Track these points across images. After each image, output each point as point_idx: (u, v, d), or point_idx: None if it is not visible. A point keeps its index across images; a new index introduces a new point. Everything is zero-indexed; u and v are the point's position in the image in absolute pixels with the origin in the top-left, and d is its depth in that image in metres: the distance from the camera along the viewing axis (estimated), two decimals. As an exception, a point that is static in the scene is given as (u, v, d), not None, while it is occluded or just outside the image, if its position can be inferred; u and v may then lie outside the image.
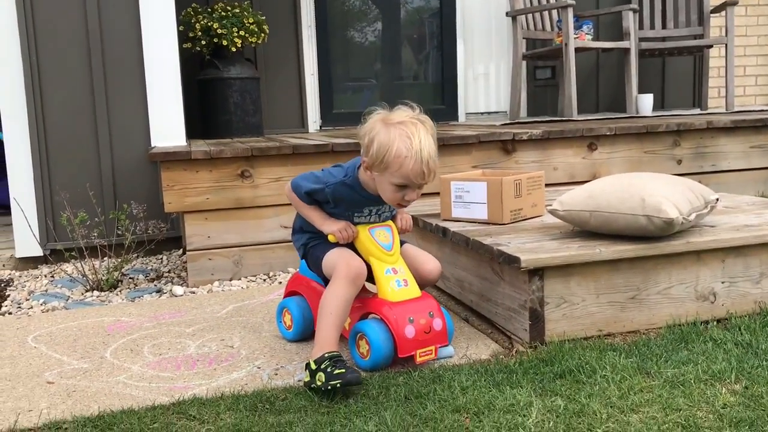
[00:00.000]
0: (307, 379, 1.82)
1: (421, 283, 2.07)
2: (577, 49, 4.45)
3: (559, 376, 1.83)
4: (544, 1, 4.85)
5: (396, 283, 1.99)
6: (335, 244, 2.05)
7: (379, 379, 1.86)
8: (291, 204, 2.15)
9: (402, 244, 2.12)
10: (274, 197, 3.15)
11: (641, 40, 4.89)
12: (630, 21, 4.69)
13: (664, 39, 5.06)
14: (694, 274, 2.20)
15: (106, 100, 3.55)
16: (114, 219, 3.27)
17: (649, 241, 2.14)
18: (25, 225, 3.41)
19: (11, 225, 3.54)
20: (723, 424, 1.55)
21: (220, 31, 4.06)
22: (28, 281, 3.28)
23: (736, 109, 4.86)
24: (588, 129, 3.61)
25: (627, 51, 4.69)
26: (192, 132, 4.20)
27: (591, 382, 1.78)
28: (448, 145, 3.35)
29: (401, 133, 1.86)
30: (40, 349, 2.28)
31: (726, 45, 4.74)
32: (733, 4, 4.68)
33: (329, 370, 1.76)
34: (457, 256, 2.52)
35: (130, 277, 3.26)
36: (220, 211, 3.12)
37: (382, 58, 5.40)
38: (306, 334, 2.21)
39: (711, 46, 5.00)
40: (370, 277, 2.03)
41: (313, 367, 1.80)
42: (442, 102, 5.31)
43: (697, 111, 5.01)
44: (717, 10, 4.85)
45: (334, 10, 5.10)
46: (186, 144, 3.57)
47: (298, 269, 2.34)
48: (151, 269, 3.42)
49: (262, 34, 4.25)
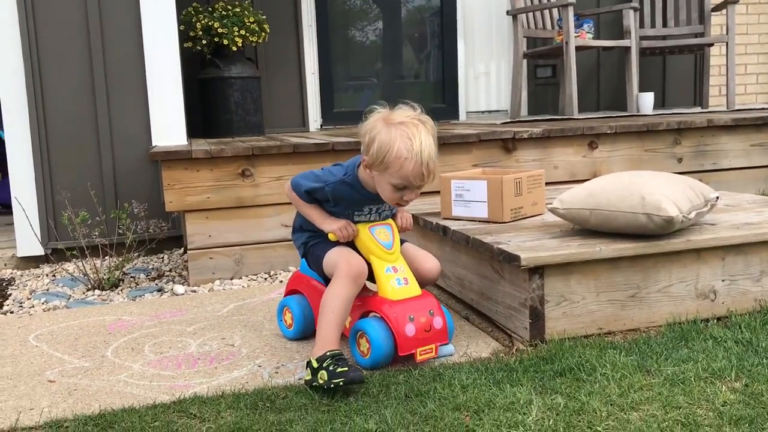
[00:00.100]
0: (309, 377, 1.82)
1: (421, 282, 2.08)
2: (578, 48, 4.45)
3: (560, 374, 1.83)
4: (544, -1, 4.86)
5: (396, 282, 1.99)
6: (335, 243, 2.05)
7: (380, 377, 1.86)
8: (291, 203, 2.15)
9: (402, 243, 2.13)
10: (275, 196, 3.15)
11: (642, 38, 4.88)
12: (631, 19, 4.68)
13: (664, 37, 5.05)
14: (694, 272, 2.20)
15: (107, 99, 3.55)
16: (115, 218, 3.28)
17: (650, 239, 2.14)
18: (26, 224, 3.42)
19: (13, 224, 3.55)
20: (723, 421, 1.55)
21: (220, 30, 4.06)
22: (29, 280, 3.29)
23: (737, 107, 4.85)
24: (588, 127, 3.60)
25: (628, 49, 4.68)
26: (193, 131, 4.21)
27: (591, 380, 1.78)
28: (448, 143, 3.35)
29: (402, 134, 1.86)
30: (41, 347, 2.28)
31: (727, 43, 4.73)
32: (734, 2, 4.67)
33: (332, 368, 1.76)
34: (458, 254, 2.53)
35: (132, 276, 3.27)
36: (221, 210, 3.12)
37: (382, 57, 5.40)
38: (307, 332, 2.21)
39: (712, 45, 4.99)
40: (370, 276, 2.03)
41: (315, 365, 1.80)
42: (443, 101, 5.31)
43: (698, 109, 5.00)
44: (718, 8, 4.84)
45: (334, 9, 5.10)
46: (187, 143, 3.57)
47: (298, 268, 2.35)
48: (152, 268, 3.42)
49: (263, 34, 4.25)
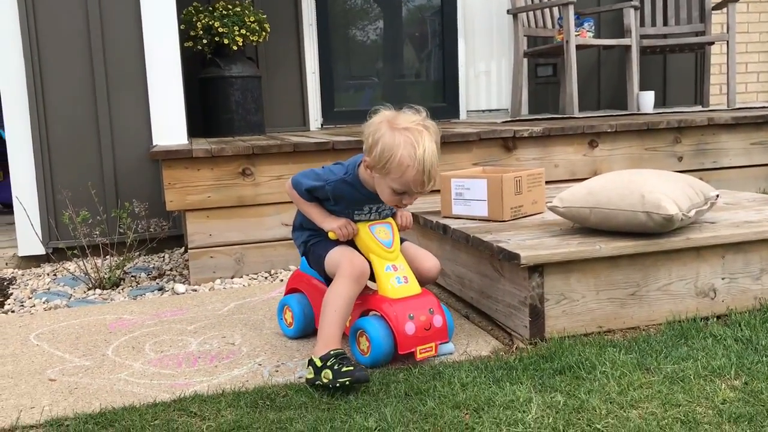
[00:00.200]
0: (310, 375, 1.82)
1: (421, 281, 2.08)
2: (578, 47, 4.45)
3: (559, 372, 1.83)
4: (545, -2, 4.86)
5: (396, 280, 2.00)
6: (336, 242, 2.05)
7: (380, 375, 1.87)
8: (292, 202, 2.15)
9: (402, 241, 2.13)
10: (276, 195, 3.16)
11: (642, 37, 4.88)
12: (631, 18, 4.68)
13: (665, 36, 5.05)
14: (694, 271, 2.20)
15: (107, 99, 3.56)
16: (116, 217, 3.29)
17: (649, 237, 2.14)
18: (27, 223, 3.43)
19: (13, 224, 3.56)
20: (722, 419, 1.55)
21: (221, 29, 4.07)
22: (30, 279, 3.29)
23: (738, 105, 4.85)
24: (589, 126, 3.60)
25: (628, 48, 4.68)
26: (193, 130, 4.21)
27: (591, 378, 1.78)
28: (448, 142, 3.35)
29: (406, 140, 1.85)
30: (42, 346, 2.29)
31: (727, 42, 4.73)
32: (735, 1, 4.67)
33: (336, 367, 1.76)
34: (458, 253, 2.53)
35: (132, 275, 3.27)
36: (221, 209, 3.13)
37: (383, 56, 5.40)
38: (307, 331, 2.22)
39: (712, 43, 4.99)
40: (371, 275, 2.03)
41: (318, 364, 1.80)
42: (444, 100, 5.31)
43: (699, 108, 5.00)
44: (718, 6, 4.84)
45: (335, 8, 5.10)
46: (187, 142, 3.57)
47: (299, 267, 2.35)
48: (153, 267, 3.43)
49: (264, 33, 4.25)
